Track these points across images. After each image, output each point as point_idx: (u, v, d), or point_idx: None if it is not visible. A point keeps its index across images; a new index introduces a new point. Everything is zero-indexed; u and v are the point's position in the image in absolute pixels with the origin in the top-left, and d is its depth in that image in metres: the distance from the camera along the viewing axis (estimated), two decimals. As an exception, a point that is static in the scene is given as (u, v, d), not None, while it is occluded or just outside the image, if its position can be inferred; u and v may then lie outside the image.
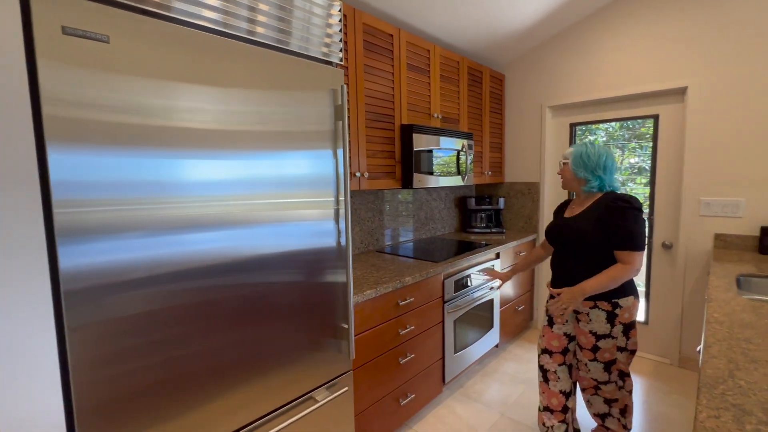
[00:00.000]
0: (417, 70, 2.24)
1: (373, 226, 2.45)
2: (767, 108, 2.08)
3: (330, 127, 1.33)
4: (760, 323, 1.14)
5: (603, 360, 1.58)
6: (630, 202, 1.46)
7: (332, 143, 1.34)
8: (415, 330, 1.87)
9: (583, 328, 1.59)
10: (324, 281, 1.34)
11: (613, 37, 2.56)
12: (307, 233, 1.29)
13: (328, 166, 1.34)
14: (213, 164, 1.03)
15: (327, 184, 1.33)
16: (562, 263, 1.63)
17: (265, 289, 1.17)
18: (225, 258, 1.07)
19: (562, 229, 1.62)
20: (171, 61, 0.93)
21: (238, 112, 1.07)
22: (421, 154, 2.16)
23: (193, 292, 1.01)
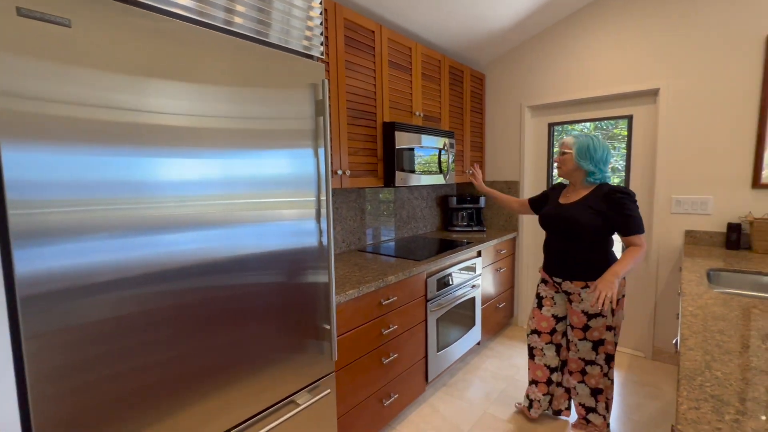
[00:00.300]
0: (399, 68, 2.22)
1: (355, 225, 2.42)
2: (731, 110, 2.17)
3: (311, 124, 1.29)
4: (731, 315, 1.18)
5: (592, 339, 1.72)
6: (629, 194, 1.62)
7: (313, 141, 1.30)
8: (398, 329, 1.85)
9: (576, 309, 1.73)
10: (305, 282, 1.31)
11: (590, 39, 2.62)
12: (288, 233, 1.25)
13: (309, 165, 1.30)
14: (187, 163, 0.98)
15: (308, 183, 1.30)
16: (558, 247, 1.76)
17: (243, 290, 1.13)
18: (200, 260, 1.02)
19: (560, 217, 1.72)
20: (141, 50, 0.87)
21: (213, 108, 1.03)
22: (403, 152, 2.14)
23: (166, 296, 0.96)
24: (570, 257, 1.71)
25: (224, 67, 1.05)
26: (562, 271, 1.75)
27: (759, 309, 1.22)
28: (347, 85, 1.90)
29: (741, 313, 1.19)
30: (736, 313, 1.19)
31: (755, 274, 1.71)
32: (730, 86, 2.17)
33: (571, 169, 1.72)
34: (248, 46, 1.10)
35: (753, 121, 2.12)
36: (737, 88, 2.15)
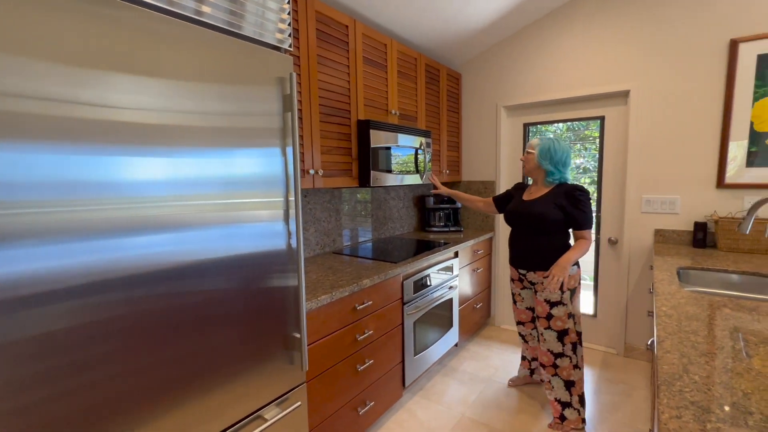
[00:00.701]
0: (374, 65, 2.16)
1: (329, 227, 2.34)
2: (697, 112, 2.23)
3: (278, 121, 1.21)
4: (703, 315, 1.18)
5: (556, 328, 1.84)
6: (585, 192, 1.80)
7: (281, 138, 1.22)
8: (373, 334, 1.79)
9: (539, 298, 1.87)
10: (273, 287, 1.22)
11: (563, 40, 2.64)
12: (254, 235, 1.16)
13: (277, 164, 1.22)
14: (144, 162, 0.89)
15: (275, 183, 1.22)
16: (523, 241, 1.90)
17: (204, 297, 1.04)
18: (158, 264, 0.93)
19: (523, 212, 1.88)
20: (93, 38, 0.77)
21: (172, 103, 0.94)
22: (378, 152, 2.08)
23: (118, 304, 0.86)
24: (534, 249, 1.86)
25: (183, 59, 0.95)
26: (527, 262, 1.90)
27: (729, 308, 1.23)
28: (320, 81, 1.83)
29: (712, 313, 1.19)
30: (707, 313, 1.19)
31: (721, 272, 1.75)
32: (696, 89, 2.23)
33: (533, 167, 1.89)
34: (209, 37, 1.01)
35: (717, 123, 2.19)
36: (703, 90, 2.21)
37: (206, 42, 1.01)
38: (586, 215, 1.77)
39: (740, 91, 2.10)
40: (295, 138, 1.23)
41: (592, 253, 2.74)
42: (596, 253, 2.73)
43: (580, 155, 2.94)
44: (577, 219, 1.77)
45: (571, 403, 1.85)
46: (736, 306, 1.25)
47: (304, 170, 1.76)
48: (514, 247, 1.95)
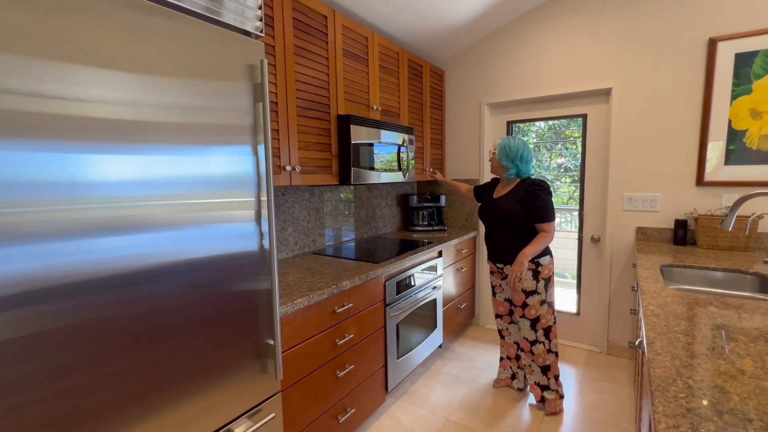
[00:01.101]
0: (354, 58, 2.08)
1: (309, 226, 2.25)
2: (677, 110, 2.24)
3: (249, 115, 1.13)
4: (690, 314, 1.15)
5: (530, 317, 1.95)
6: (543, 186, 1.86)
7: (252, 133, 1.14)
8: (354, 338, 1.72)
9: (517, 288, 1.93)
10: (244, 290, 1.14)
11: (546, 37, 2.63)
12: (223, 237, 1.08)
13: (248, 162, 1.13)
14: (103, 160, 0.81)
15: (246, 183, 1.13)
16: (497, 237, 2.00)
17: (168, 302, 0.95)
18: (117, 269, 0.85)
19: (493, 209, 1.98)
20: (50, 26, 0.67)
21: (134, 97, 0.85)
22: (359, 148, 2.01)
23: (75, 311, 0.78)
24: (505, 244, 1.95)
25: (143, 47, 0.86)
26: (502, 256, 1.98)
27: (714, 306, 1.21)
28: (297, 74, 1.74)
29: (699, 311, 1.17)
30: (694, 311, 1.17)
31: (703, 269, 1.75)
32: (677, 87, 2.24)
33: (496, 166, 2.01)
34: (170, 20, 0.91)
35: (696, 121, 2.20)
36: (682, 89, 2.22)
37: (163, 26, 0.91)
38: (544, 208, 1.83)
39: (719, 89, 2.12)
40: (267, 133, 1.14)
41: (575, 251, 2.74)
42: (579, 251, 2.73)
43: (561, 155, 2.95)
44: (535, 212, 1.85)
45: (549, 385, 2.00)
46: (721, 304, 1.23)
47: (280, 166, 1.67)
48: (490, 243, 2.05)
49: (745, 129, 2.08)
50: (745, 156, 2.09)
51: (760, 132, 2.05)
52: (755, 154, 2.07)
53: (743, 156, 2.10)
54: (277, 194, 2.03)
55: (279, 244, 2.06)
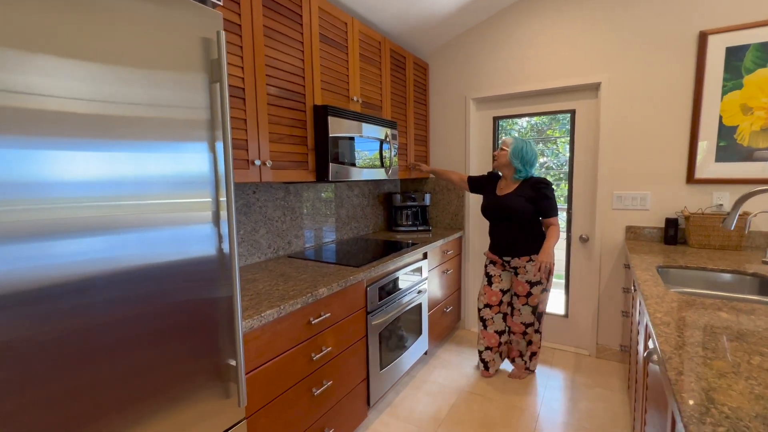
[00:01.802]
0: (332, 44, 1.92)
1: (284, 227, 2.07)
2: (667, 105, 2.18)
3: (203, 99, 0.95)
4: (701, 322, 1.05)
5: (533, 304, 2.13)
6: (549, 184, 2.03)
7: (208, 123, 0.97)
8: (332, 351, 1.55)
9: (521, 280, 2.11)
10: (200, 302, 0.97)
11: (532, 30, 2.53)
12: (175, 240, 0.91)
13: (202, 157, 0.96)
14: (38, 156, 0.67)
15: (201, 182, 0.96)
16: (502, 232, 2.13)
17: (109, 317, 0.79)
18: (52, 277, 0.69)
19: (498, 207, 2.10)
20: None
21: (69, 86, 0.69)
22: (338, 142, 1.84)
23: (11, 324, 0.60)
24: (514, 239, 2.09)
25: (75, 25, 0.68)
26: (510, 250, 2.11)
27: (725, 312, 1.11)
28: (268, 57, 1.56)
29: (710, 319, 1.07)
30: (705, 319, 1.06)
31: (699, 270, 1.67)
32: (667, 82, 2.17)
33: (504, 163, 2.10)
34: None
35: (687, 117, 2.14)
36: (673, 84, 2.16)
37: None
38: (552, 204, 2.01)
39: (709, 84, 2.06)
40: (225, 120, 0.97)
41: (564, 252, 2.65)
42: (567, 251, 2.64)
43: (543, 154, 2.87)
44: (545, 209, 2.01)
45: (523, 354, 2.26)
46: (731, 309, 1.13)
47: (248, 160, 1.49)
48: (496, 238, 2.17)
49: (736, 125, 2.02)
50: (735, 153, 2.04)
51: (750, 128, 2.00)
52: (746, 151, 2.02)
53: (734, 153, 2.04)
54: (247, 192, 1.85)
55: (250, 248, 1.87)
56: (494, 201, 2.13)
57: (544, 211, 2.00)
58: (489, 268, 2.24)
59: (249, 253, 1.87)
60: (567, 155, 2.68)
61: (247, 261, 1.86)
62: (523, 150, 2.04)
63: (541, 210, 2.00)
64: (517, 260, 2.10)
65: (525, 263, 2.08)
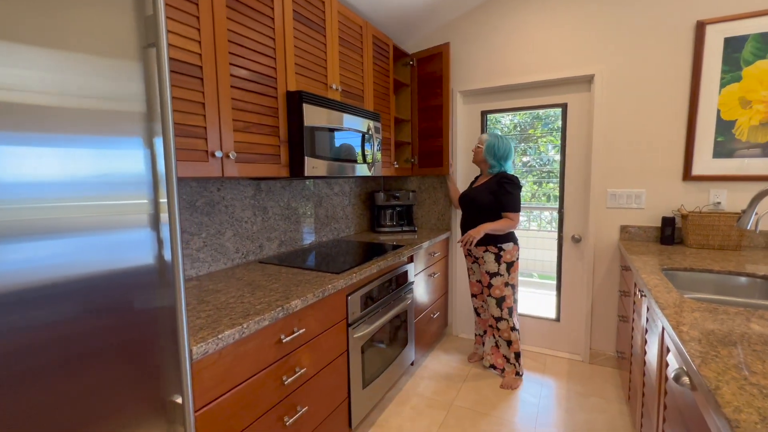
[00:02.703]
0: (308, 23, 1.72)
1: (254, 229, 1.85)
2: (663, 99, 2.08)
3: (136, 67, 0.75)
4: (735, 335, 0.91)
5: (495, 296, 2.15)
6: (512, 180, 2.07)
7: (143, 115, 0.76)
8: (308, 371, 1.35)
9: (482, 269, 2.17)
10: (134, 324, 0.76)
11: (522, 18, 2.39)
12: (100, 247, 0.70)
13: (137, 153, 0.76)
14: None
15: (136, 181, 0.76)
16: (465, 221, 2.24)
17: (19, 341, 0.57)
18: None
19: (468, 198, 2.22)
20: None
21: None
22: (315, 133, 1.64)
23: None
24: (473, 226, 2.13)
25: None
26: None
27: (755, 322, 0.98)
28: (231, 33, 1.35)
29: (743, 332, 0.93)
30: (739, 332, 0.93)
31: (706, 272, 1.56)
32: (663, 75, 2.07)
33: (480, 160, 2.21)
34: None
35: (683, 111, 2.04)
36: (669, 76, 2.06)
37: None
38: (511, 199, 2.04)
39: (707, 76, 1.97)
40: (165, 97, 0.76)
41: (555, 252, 2.53)
42: (559, 252, 2.52)
43: (526, 153, 2.76)
44: (501, 202, 2.06)
45: (509, 359, 2.20)
46: (760, 319, 1.00)
47: (207, 151, 1.27)
48: (462, 227, 2.27)
49: (735, 119, 1.94)
50: (734, 148, 1.96)
51: (749, 122, 1.91)
52: (745, 147, 1.93)
53: (732, 148, 1.96)
54: (209, 189, 1.62)
55: (214, 253, 1.65)
56: (467, 192, 2.27)
57: (503, 205, 2.06)
58: (466, 261, 2.38)
59: (213, 259, 1.64)
60: (549, 154, 2.57)
61: (211, 268, 1.63)
62: (495, 146, 2.11)
63: (501, 204, 2.06)
64: (475, 249, 2.17)
65: (482, 253, 2.14)
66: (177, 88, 1.17)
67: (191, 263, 1.55)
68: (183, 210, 1.51)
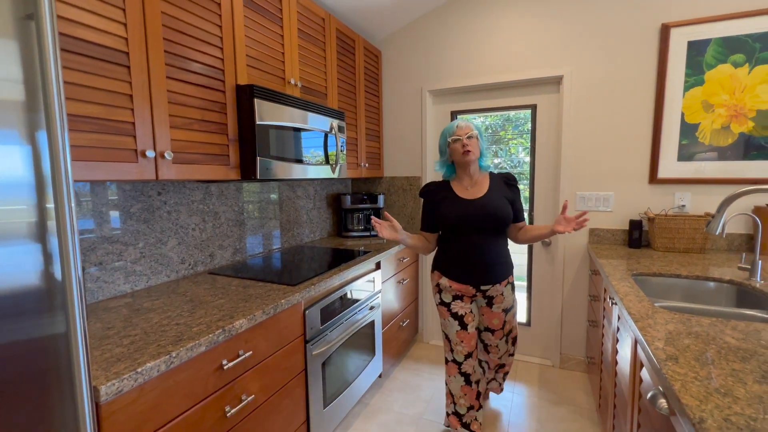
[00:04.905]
0: (262, 12, 1.57)
1: (203, 237, 1.68)
2: (630, 101, 2.07)
3: (7, 70, 0.59)
4: (711, 352, 0.85)
5: (508, 333, 1.74)
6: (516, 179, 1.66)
7: (25, 112, 0.61)
8: (257, 398, 1.21)
9: (496, 310, 1.66)
10: (17, 359, 0.60)
11: (494, 17, 2.34)
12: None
13: (12, 144, 0.61)
14: None
15: (11, 183, 0.61)
16: (478, 249, 1.54)
17: None
18: None
19: (480, 213, 1.52)
20: None
21: None
22: (270, 132, 1.50)
23: None
24: (495, 256, 1.56)
25: None
26: (489, 275, 1.56)
27: (729, 336, 0.93)
28: (166, 16, 1.19)
29: (718, 347, 0.87)
30: (714, 348, 0.87)
31: (674, 278, 1.53)
32: (630, 77, 2.06)
33: (477, 156, 1.58)
34: None
35: (649, 113, 2.04)
36: (636, 78, 2.05)
37: None
38: (522, 205, 1.68)
39: (672, 80, 1.97)
40: (47, 85, 0.61)
41: (525, 256, 2.49)
42: (529, 255, 2.48)
43: (498, 155, 2.72)
44: (519, 209, 1.64)
45: (496, 377, 1.93)
46: (734, 331, 0.95)
47: (136, 150, 1.10)
48: (466, 258, 1.56)
49: (698, 123, 1.95)
50: (697, 151, 1.96)
51: (712, 126, 1.93)
52: (708, 149, 1.95)
53: (696, 151, 1.97)
54: (147, 194, 1.44)
55: (154, 264, 1.47)
56: (467, 206, 1.54)
57: (518, 212, 1.63)
58: (456, 306, 1.61)
59: (153, 272, 1.46)
60: (519, 156, 2.54)
61: (150, 282, 1.45)
62: (481, 129, 1.63)
63: (517, 211, 1.62)
64: (498, 287, 1.59)
65: (504, 288, 1.62)
66: (96, 77, 1.00)
67: (125, 277, 1.37)
68: (114, 218, 1.33)
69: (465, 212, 1.53)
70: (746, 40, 1.82)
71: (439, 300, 1.65)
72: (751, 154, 1.87)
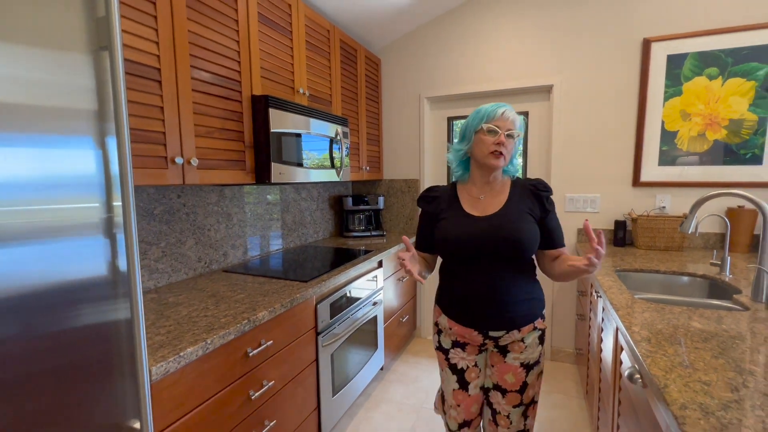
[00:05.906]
0: (273, 26, 1.68)
1: (218, 237, 1.79)
2: (615, 109, 2.22)
3: (88, 74, 0.70)
4: (680, 335, 0.98)
5: (527, 400, 1.17)
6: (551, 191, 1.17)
7: (93, 113, 0.72)
8: (276, 385, 1.32)
9: (513, 363, 1.15)
10: (87, 343, 0.71)
11: (488, 29, 2.47)
12: (43, 257, 0.64)
13: (87, 153, 0.71)
14: None
15: (86, 183, 0.71)
16: (489, 282, 1.09)
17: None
18: None
19: (489, 234, 1.08)
20: None
21: None
22: (282, 139, 1.61)
23: None
24: (512, 293, 1.10)
25: None
26: (503, 318, 1.11)
27: (696, 321, 1.07)
28: (192, 34, 1.29)
29: (687, 331, 1.01)
30: (683, 332, 1.00)
31: (654, 273, 1.68)
32: (615, 87, 2.21)
33: (509, 161, 1.16)
34: None
35: (633, 121, 2.19)
36: (620, 89, 2.20)
37: None
38: (558, 225, 1.17)
39: (653, 90, 2.12)
40: (119, 102, 0.72)
41: (518, 255, 2.62)
42: (522, 254, 2.62)
43: None
44: (557, 231, 1.15)
45: None
46: (700, 318, 1.09)
47: (166, 158, 1.21)
48: (477, 296, 1.11)
49: (677, 130, 2.10)
50: (676, 157, 2.12)
51: (689, 133, 2.08)
52: (685, 155, 2.10)
53: (674, 157, 2.12)
54: (169, 196, 1.54)
55: (174, 262, 1.57)
56: (473, 225, 1.12)
57: (552, 234, 1.15)
58: (456, 355, 1.21)
59: (173, 270, 1.56)
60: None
61: (171, 279, 1.55)
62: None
63: (549, 232, 1.14)
64: (515, 333, 1.14)
65: (525, 335, 1.15)
66: (133, 92, 1.11)
67: (149, 274, 1.46)
68: (140, 218, 1.43)
69: (470, 233, 1.10)
70: (719, 55, 1.98)
71: (437, 343, 1.26)
72: (725, 159, 2.03)
